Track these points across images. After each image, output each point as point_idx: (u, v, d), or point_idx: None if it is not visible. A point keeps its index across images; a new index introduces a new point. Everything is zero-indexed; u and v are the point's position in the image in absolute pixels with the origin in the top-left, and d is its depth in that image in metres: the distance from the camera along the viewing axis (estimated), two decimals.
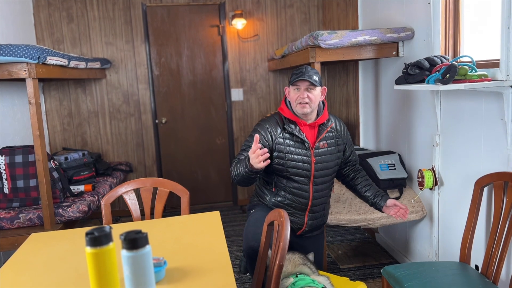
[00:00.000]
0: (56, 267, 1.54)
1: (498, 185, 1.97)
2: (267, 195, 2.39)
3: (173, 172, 4.69)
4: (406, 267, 2.08)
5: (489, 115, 2.09)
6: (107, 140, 4.50)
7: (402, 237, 3.16)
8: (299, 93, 2.22)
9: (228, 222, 4.26)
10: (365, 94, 3.74)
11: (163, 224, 1.95)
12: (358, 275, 2.99)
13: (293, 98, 2.26)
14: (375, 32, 2.84)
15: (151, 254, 1.16)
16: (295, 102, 2.24)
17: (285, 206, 2.36)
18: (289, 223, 1.47)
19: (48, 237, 1.86)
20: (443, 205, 2.58)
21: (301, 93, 2.21)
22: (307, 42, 2.87)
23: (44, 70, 2.68)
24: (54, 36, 4.28)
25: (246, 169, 2.09)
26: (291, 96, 2.27)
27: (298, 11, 4.65)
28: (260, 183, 2.47)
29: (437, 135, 2.55)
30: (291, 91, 2.26)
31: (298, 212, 2.38)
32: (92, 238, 1.14)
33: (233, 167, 2.21)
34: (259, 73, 4.68)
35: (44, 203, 2.68)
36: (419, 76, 2.26)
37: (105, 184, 3.52)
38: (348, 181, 2.51)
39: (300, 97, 2.21)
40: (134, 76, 4.46)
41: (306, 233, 2.46)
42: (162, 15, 4.48)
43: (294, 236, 2.52)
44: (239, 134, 4.73)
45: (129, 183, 2.25)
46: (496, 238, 1.93)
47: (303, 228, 2.44)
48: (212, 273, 1.41)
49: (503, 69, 1.92)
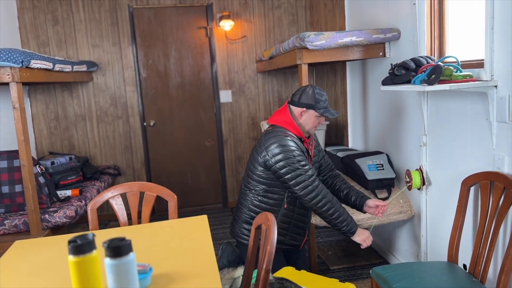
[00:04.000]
0: (40, 275, 1.51)
1: (484, 184, 1.98)
2: (275, 213, 2.35)
3: (162, 175, 4.66)
4: (395, 268, 2.08)
5: (474, 115, 2.11)
6: (94, 144, 4.45)
7: (391, 237, 3.17)
8: (320, 120, 2.35)
9: (218, 224, 4.24)
10: (353, 94, 3.75)
11: (150, 229, 1.93)
12: (347, 276, 2.99)
13: (313, 123, 2.34)
14: (362, 33, 2.85)
15: (135, 262, 1.15)
16: (312, 126, 2.35)
17: (293, 222, 2.39)
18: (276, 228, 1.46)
19: (32, 244, 1.83)
20: (431, 205, 2.59)
21: (322, 120, 2.36)
22: (294, 43, 2.87)
23: (28, 74, 2.64)
24: (40, 39, 4.23)
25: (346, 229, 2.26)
26: (311, 120, 2.34)
27: (286, 12, 4.65)
28: (264, 203, 2.35)
29: (424, 135, 2.57)
30: (313, 117, 2.33)
31: (305, 225, 2.46)
32: (75, 246, 1.12)
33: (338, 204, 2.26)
34: (248, 75, 4.67)
35: (30, 209, 2.64)
36: (405, 77, 2.26)
37: (93, 189, 3.48)
38: (328, 187, 2.55)
39: (320, 123, 2.36)
40: (122, 79, 4.43)
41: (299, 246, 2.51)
42: (149, 17, 4.44)
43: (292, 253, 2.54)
44: (229, 136, 4.71)
45: (115, 188, 2.23)
46: (483, 237, 1.94)
47: (305, 238, 2.50)
48: (199, 278, 1.40)
49: (487, 70, 1.93)
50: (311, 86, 2.35)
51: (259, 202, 2.35)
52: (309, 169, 2.23)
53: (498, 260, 2.01)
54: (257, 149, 2.32)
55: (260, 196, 2.34)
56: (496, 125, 1.95)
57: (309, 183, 2.21)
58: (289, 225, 2.39)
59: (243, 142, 4.75)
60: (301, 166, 2.21)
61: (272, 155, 2.22)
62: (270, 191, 2.33)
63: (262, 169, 2.29)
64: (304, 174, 2.20)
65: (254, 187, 2.34)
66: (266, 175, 2.30)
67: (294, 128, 2.31)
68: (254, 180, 2.34)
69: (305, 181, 2.20)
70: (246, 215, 2.38)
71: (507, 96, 1.85)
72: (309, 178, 2.21)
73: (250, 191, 2.37)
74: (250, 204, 2.37)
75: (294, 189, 2.22)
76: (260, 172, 2.30)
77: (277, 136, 2.25)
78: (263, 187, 2.32)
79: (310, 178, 2.21)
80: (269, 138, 2.26)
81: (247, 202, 2.38)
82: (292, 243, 2.43)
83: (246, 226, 2.38)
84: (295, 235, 2.42)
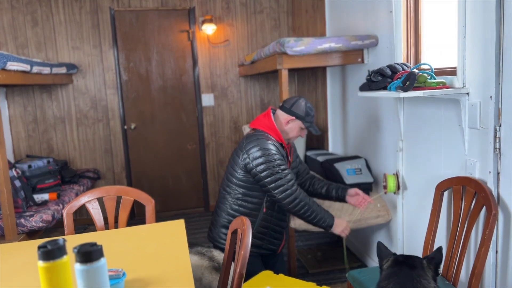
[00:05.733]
0: (10, 281, 1.49)
1: (456, 189, 2.03)
2: (254, 217, 2.36)
3: (143, 178, 4.63)
4: (370, 271, 2.11)
5: (448, 121, 2.16)
6: (74, 147, 4.40)
7: (369, 240, 3.21)
8: (302, 132, 2.42)
9: (199, 228, 4.23)
10: (333, 99, 3.79)
11: (126, 233, 1.92)
12: (326, 280, 3.02)
13: (296, 132, 2.40)
14: (341, 39, 2.89)
15: (106, 267, 1.14)
16: (295, 135, 2.41)
17: (271, 226, 2.41)
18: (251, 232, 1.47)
19: (5, 249, 1.80)
20: (407, 208, 2.63)
21: (303, 133, 2.43)
22: (274, 49, 2.89)
23: (4, 76, 2.60)
24: (18, 40, 4.16)
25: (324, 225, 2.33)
26: (296, 130, 2.39)
27: (268, 17, 4.68)
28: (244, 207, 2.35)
29: (401, 141, 2.61)
30: (298, 127, 2.39)
31: (283, 229, 2.49)
32: (45, 251, 1.11)
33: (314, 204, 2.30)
34: (230, 79, 4.68)
35: (5, 213, 2.59)
36: (382, 83, 2.30)
37: (71, 192, 3.44)
38: (307, 189, 2.61)
39: (301, 135, 2.44)
40: (102, 81, 4.39)
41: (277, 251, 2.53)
42: (130, 20, 4.42)
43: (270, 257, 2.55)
44: (210, 140, 4.71)
45: (92, 192, 2.21)
46: (455, 241, 1.98)
47: (283, 243, 2.53)
48: (173, 283, 1.40)
49: (459, 77, 1.98)
50: (304, 99, 2.41)
51: (238, 206, 2.36)
52: (288, 173, 2.26)
53: (470, 263, 2.06)
54: (238, 152, 2.33)
55: (239, 200, 2.35)
56: (468, 131, 2.00)
57: (288, 187, 2.24)
58: (267, 230, 2.41)
59: (225, 146, 4.75)
60: (281, 170, 2.24)
61: (253, 158, 2.24)
62: (249, 195, 2.34)
63: (242, 172, 2.31)
64: (283, 178, 2.23)
65: (233, 191, 2.35)
66: (246, 179, 2.31)
67: (275, 133, 2.35)
68: (233, 183, 2.35)
69: (284, 185, 2.23)
70: (224, 219, 2.38)
71: (478, 103, 1.90)
72: (288, 182, 2.24)
73: (230, 195, 2.37)
74: (229, 208, 2.37)
75: (273, 193, 2.25)
76: (240, 176, 2.32)
77: (259, 139, 2.27)
78: (243, 190, 2.33)
79: (289, 182, 2.25)
80: (251, 142, 2.28)
81: (225, 206, 2.38)
82: (269, 247, 2.45)
83: (224, 231, 2.38)
84: (273, 239, 2.44)
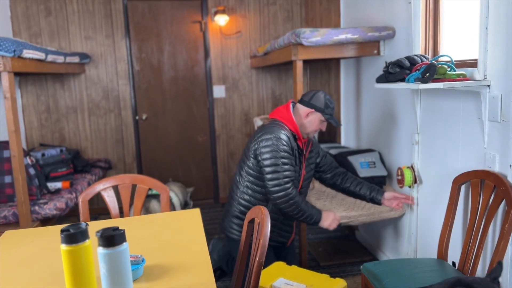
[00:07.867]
0: (30, 265, 1.50)
1: (474, 183, 2.00)
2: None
3: (153, 169, 4.64)
4: (385, 264, 2.10)
5: (467, 114, 2.13)
6: (85, 137, 4.42)
7: (381, 234, 3.19)
8: (322, 125, 2.38)
9: (209, 220, 4.24)
10: (347, 92, 3.76)
11: (142, 221, 1.92)
12: (338, 272, 3.01)
13: (316, 126, 2.36)
14: (357, 30, 2.86)
15: (128, 252, 1.14)
16: (315, 128, 2.36)
17: (280, 218, 2.41)
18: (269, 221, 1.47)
19: (22, 234, 1.81)
20: (422, 202, 2.61)
21: (323, 126, 2.39)
22: (289, 39, 2.87)
23: (20, 63, 2.61)
24: (31, 30, 4.17)
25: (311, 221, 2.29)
26: (315, 123, 2.35)
27: (281, 9, 4.65)
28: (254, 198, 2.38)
29: (417, 134, 2.58)
30: (317, 120, 2.35)
31: (290, 221, 2.47)
32: (68, 235, 1.11)
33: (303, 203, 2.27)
34: (242, 70, 4.66)
35: (20, 200, 2.61)
36: (400, 75, 2.27)
37: (83, 181, 3.46)
38: (338, 185, 2.59)
39: (321, 128, 2.39)
40: (114, 72, 4.39)
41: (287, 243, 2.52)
42: (143, 10, 4.41)
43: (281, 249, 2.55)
44: (221, 132, 4.70)
45: (107, 180, 2.21)
46: (472, 235, 1.96)
47: (293, 236, 2.52)
48: (191, 271, 1.40)
49: (480, 69, 1.95)
50: (323, 92, 2.39)
51: (249, 196, 2.37)
52: (288, 169, 2.25)
53: (487, 257, 2.04)
54: (251, 140, 2.36)
55: (250, 190, 2.37)
56: (488, 124, 1.97)
57: (281, 182, 2.23)
58: (277, 222, 2.41)
59: (236, 138, 4.75)
60: (281, 163, 2.24)
61: (262, 144, 2.26)
62: (259, 185, 2.35)
63: (253, 160, 2.32)
64: (280, 172, 2.23)
65: (245, 181, 2.37)
66: (256, 167, 2.33)
67: (292, 124, 2.34)
68: (245, 171, 2.37)
69: (278, 179, 2.23)
70: (236, 209, 2.39)
71: (500, 96, 1.87)
72: (284, 178, 2.23)
73: (241, 184, 2.39)
74: (240, 198, 2.39)
75: (267, 182, 2.25)
76: (250, 164, 2.33)
77: (273, 127, 2.29)
78: (253, 179, 2.34)
79: (284, 178, 2.23)
80: (265, 128, 2.32)
81: (237, 196, 2.40)
82: (279, 239, 2.45)
83: (236, 221, 2.38)
84: (282, 232, 2.45)
